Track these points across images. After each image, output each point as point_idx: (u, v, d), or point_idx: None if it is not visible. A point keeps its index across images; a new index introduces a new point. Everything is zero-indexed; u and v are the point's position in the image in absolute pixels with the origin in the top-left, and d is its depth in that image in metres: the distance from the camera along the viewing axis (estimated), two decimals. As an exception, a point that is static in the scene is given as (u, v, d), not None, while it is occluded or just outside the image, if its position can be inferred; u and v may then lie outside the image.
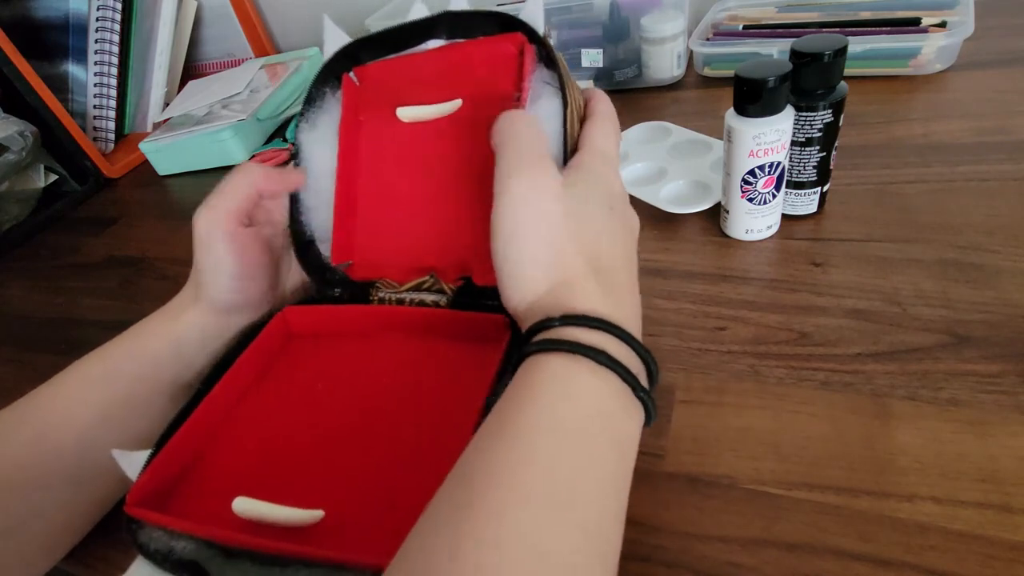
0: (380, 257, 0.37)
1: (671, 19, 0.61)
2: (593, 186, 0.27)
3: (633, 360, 0.24)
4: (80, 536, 0.33)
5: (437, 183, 0.35)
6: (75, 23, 0.82)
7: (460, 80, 0.34)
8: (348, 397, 0.32)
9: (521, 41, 0.32)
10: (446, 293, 0.34)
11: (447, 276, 0.35)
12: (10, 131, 0.70)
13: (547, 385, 0.22)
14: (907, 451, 0.28)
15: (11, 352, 0.55)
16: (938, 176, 0.43)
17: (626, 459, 0.23)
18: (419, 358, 0.33)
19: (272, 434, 0.30)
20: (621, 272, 0.27)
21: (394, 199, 0.37)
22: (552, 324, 0.24)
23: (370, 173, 0.37)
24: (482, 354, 0.31)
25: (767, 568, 0.26)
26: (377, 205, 0.37)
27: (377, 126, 0.37)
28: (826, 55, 0.36)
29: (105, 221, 0.73)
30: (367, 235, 0.37)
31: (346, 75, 0.37)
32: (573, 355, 0.23)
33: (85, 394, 0.32)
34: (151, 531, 0.25)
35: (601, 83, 0.68)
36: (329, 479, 0.27)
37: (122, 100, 0.86)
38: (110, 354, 0.33)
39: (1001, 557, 0.24)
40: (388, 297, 0.35)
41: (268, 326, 0.34)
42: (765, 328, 0.36)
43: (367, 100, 0.37)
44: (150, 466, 0.27)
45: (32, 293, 0.63)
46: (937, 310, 0.34)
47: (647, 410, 0.24)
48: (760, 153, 0.38)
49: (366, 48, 0.36)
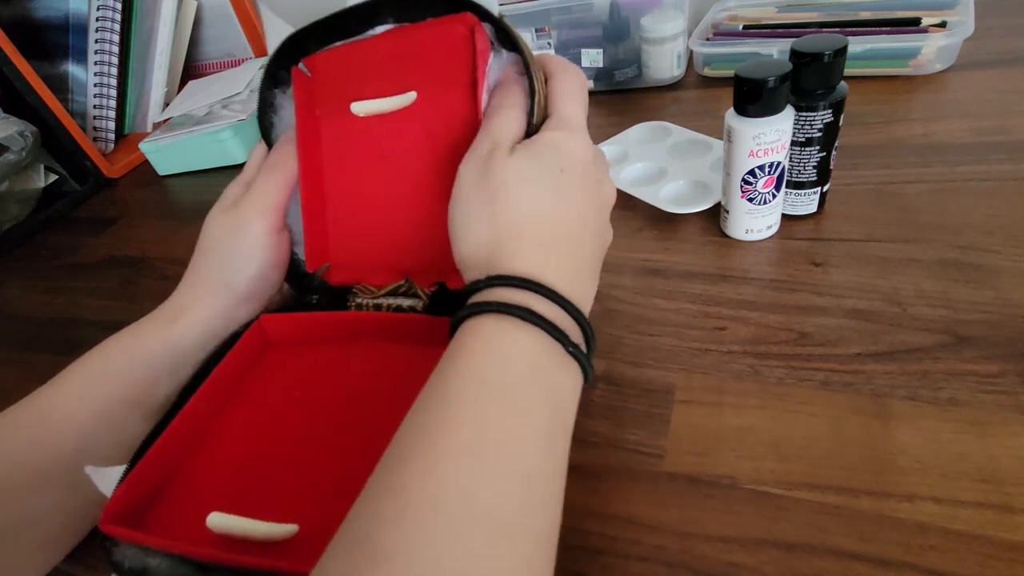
0: (355, 259, 0.36)
1: (671, 19, 0.61)
2: (541, 149, 0.28)
3: (564, 319, 0.25)
4: (79, 537, 0.33)
5: (403, 178, 0.35)
6: (75, 23, 0.82)
7: (412, 67, 0.33)
8: (324, 406, 0.31)
9: (472, 22, 0.31)
10: (421, 298, 0.34)
11: (422, 279, 0.34)
12: (10, 131, 0.70)
13: (476, 345, 0.23)
14: (907, 451, 0.28)
15: (11, 352, 0.55)
16: (938, 176, 0.43)
17: (561, 411, 0.24)
18: (396, 365, 0.32)
19: (248, 447, 0.30)
20: (566, 235, 0.27)
21: (362, 197, 0.36)
22: (479, 286, 0.25)
23: (335, 172, 0.36)
24: None
25: (767, 568, 0.26)
26: (346, 204, 0.36)
27: (335, 121, 0.36)
28: (826, 55, 0.36)
29: (105, 221, 0.73)
30: (340, 236, 0.37)
31: (295, 68, 0.36)
32: (499, 315, 0.23)
33: (84, 393, 0.32)
34: (125, 548, 0.25)
35: (601, 83, 0.68)
36: (304, 492, 0.27)
37: (122, 100, 0.86)
38: (109, 353, 0.33)
39: (1001, 557, 0.24)
40: (365, 303, 0.35)
41: (245, 335, 0.34)
42: (765, 328, 0.36)
43: (320, 93, 0.36)
44: (124, 482, 0.26)
45: (32, 293, 0.63)
46: (937, 310, 0.34)
47: (583, 368, 0.25)
48: (760, 153, 0.38)
49: (311, 36, 0.35)
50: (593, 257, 0.29)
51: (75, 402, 0.31)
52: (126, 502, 0.26)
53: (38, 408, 0.31)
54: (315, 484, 0.27)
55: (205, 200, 0.72)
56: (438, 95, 0.33)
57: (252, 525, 0.25)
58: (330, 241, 0.37)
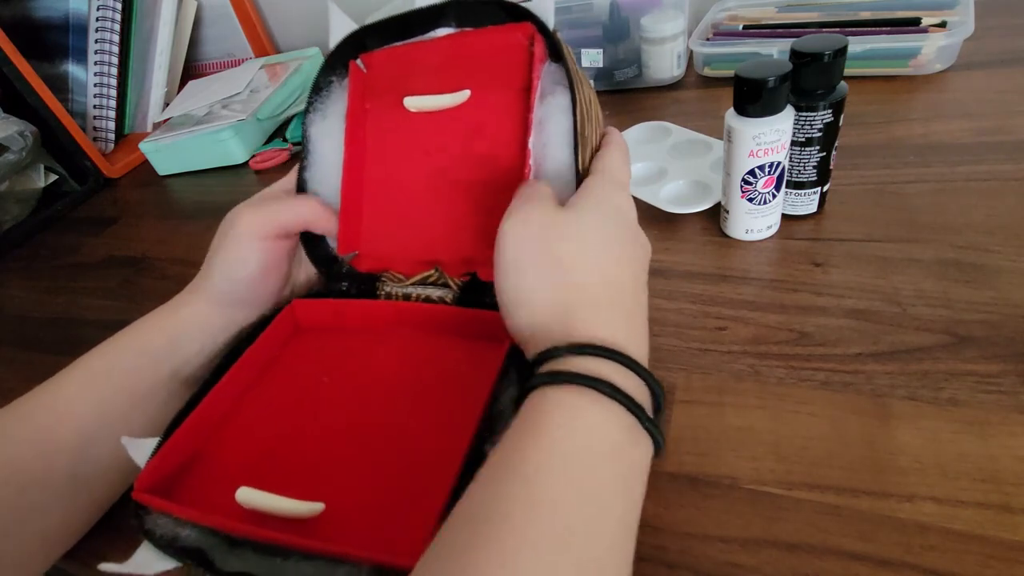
0: (386, 248, 0.37)
1: (671, 19, 0.61)
2: (596, 208, 0.27)
3: (638, 387, 0.24)
4: (78, 536, 0.33)
5: (443, 175, 0.35)
6: (75, 23, 0.82)
7: (467, 70, 0.34)
8: (352, 391, 0.32)
9: (531, 32, 0.32)
10: (451, 288, 0.34)
11: (452, 270, 0.35)
12: (10, 131, 0.70)
13: (553, 419, 0.22)
14: (907, 451, 0.28)
15: (11, 352, 0.55)
16: (938, 176, 0.43)
17: (633, 491, 0.23)
18: (424, 354, 0.33)
19: (277, 426, 0.30)
20: (627, 296, 0.26)
21: (400, 190, 0.37)
22: (557, 353, 0.24)
23: (376, 163, 0.37)
24: (486, 352, 0.31)
25: (767, 568, 0.26)
26: (383, 196, 0.37)
27: (384, 115, 0.37)
28: (826, 55, 0.36)
29: (105, 221, 0.73)
30: (373, 226, 0.37)
31: (353, 62, 0.37)
32: (578, 387, 0.22)
33: (85, 390, 0.32)
34: (157, 517, 0.26)
35: (601, 83, 0.68)
36: (331, 472, 0.28)
37: (122, 100, 0.86)
38: (110, 349, 0.33)
39: (1001, 557, 0.24)
40: (394, 291, 0.35)
41: (277, 318, 0.35)
42: (765, 328, 0.36)
43: (373, 88, 0.37)
44: (158, 453, 0.27)
45: (32, 293, 0.63)
46: (937, 310, 0.34)
47: (655, 440, 0.24)
48: (760, 153, 0.38)
49: (372, 34, 0.36)
50: (646, 315, 0.28)
51: (77, 398, 0.32)
52: (159, 473, 0.27)
53: (41, 403, 0.32)
54: (341, 466, 0.28)
55: (205, 200, 0.72)
56: (491, 95, 0.33)
57: (280, 501, 0.25)
58: (363, 229, 0.37)
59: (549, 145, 0.31)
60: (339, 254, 0.37)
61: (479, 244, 0.34)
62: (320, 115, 0.37)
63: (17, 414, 0.31)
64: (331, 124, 0.37)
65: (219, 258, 0.34)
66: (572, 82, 0.30)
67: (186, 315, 0.34)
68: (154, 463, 0.27)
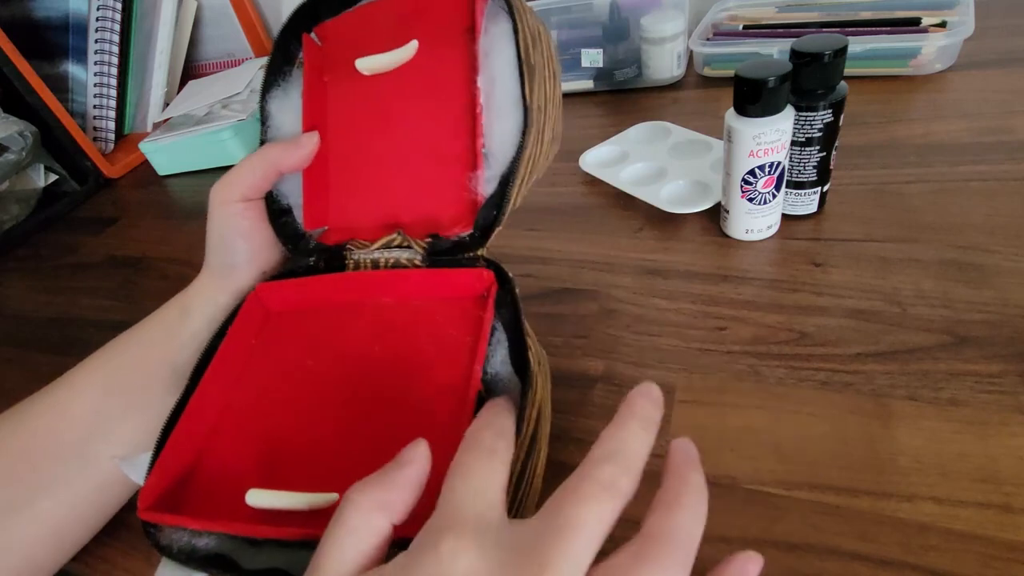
0: (351, 218, 0.36)
1: (671, 19, 0.61)
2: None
3: None
4: (87, 527, 0.32)
5: (403, 136, 0.35)
6: (75, 23, 0.82)
7: (416, 23, 0.34)
8: (340, 370, 0.31)
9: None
10: (417, 249, 0.33)
11: (415, 231, 0.34)
12: (10, 131, 0.70)
13: None
14: (907, 451, 0.28)
15: (11, 352, 0.54)
16: (938, 176, 0.43)
17: None
18: (403, 321, 0.32)
19: (272, 418, 0.30)
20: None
21: (363, 158, 0.36)
22: None
23: (340, 134, 0.36)
24: (465, 309, 0.30)
25: (767, 568, 0.25)
26: (347, 166, 0.36)
27: (342, 84, 0.36)
28: (826, 55, 0.36)
29: (105, 221, 0.73)
30: (340, 198, 0.37)
31: (306, 35, 0.36)
32: None
33: (84, 385, 0.33)
34: (171, 532, 0.25)
35: (601, 83, 0.68)
36: (337, 455, 0.27)
37: (122, 100, 0.86)
38: (112, 344, 0.34)
39: (1001, 557, 0.24)
40: (361, 259, 0.34)
41: (242, 308, 0.33)
42: (765, 328, 0.36)
43: (330, 58, 0.37)
44: (154, 468, 0.26)
45: (32, 293, 0.63)
46: (937, 310, 0.34)
47: None
48: (760, 153, 0.38)
49: (324, 3, 0.36)
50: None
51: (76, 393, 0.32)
52: (159, 489, 0.26)
53: (41, 401, 0.32)
54: (344, 449, 0.27)
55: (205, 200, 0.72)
56: (438, 44, 0.33)
57: (293, 498, 0.25)
58: (330, 202, 0.37)
59: (497, 78, 0.31)
60: (306, 229, 0.36)
61: (438, 201, 0.33)
62: (281, 91, 0.37)
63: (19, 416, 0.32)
64: (292, 100, 0.36)
65: (209, 240, 0.35)
66: (512, 7, 0.29)
67: (192, 291, 0.35)
68: (153, 479, 0.26)
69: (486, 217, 0.31)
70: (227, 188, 0.34)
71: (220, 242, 0.35)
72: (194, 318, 0.34)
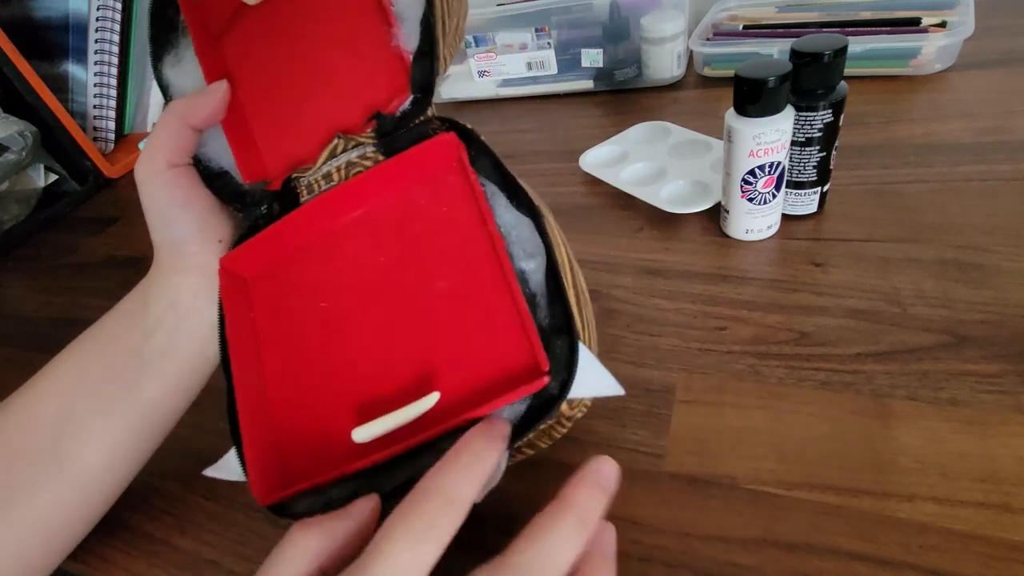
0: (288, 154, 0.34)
1: (671, 19, 0.61)
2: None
3: None
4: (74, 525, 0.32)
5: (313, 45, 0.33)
6: (75, 23, 0.82)
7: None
8: (355, 296, 0.29)
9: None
10: (366, 143, 0.31)
11: (358, 127, 0.32)
12: (10, 131, 0.70)
13: None
14: (907, 451, 0.28)
15: (11, 352, 0.55)
16: (938, 176, 0.43)
17: None
18: (392, 221, 0.30)
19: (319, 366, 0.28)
20: None
21: (281, 89, 0.34)
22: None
23: (247, 77, 0.34)
24: (444, 179, 0.29)
25: (767, 568, 0.26)
26: (267, 104, 0.34)
27: (236, 30, 0.34)
28: (826, 55, 0.36)
29: (105, 221, 0.73)
30: (269, 140, 0.34)
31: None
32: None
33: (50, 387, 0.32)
34: (298, 501, 0.25)
35: (601, 83, 0.68)
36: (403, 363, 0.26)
37: (122, 100, 0.86)
38: (76, 341, 0.33)
39: (1001, 557, 0.24)
40: (312, 180, 0.32)
41: (220, 289, 0.31)
42: (765, 328, 0.36)
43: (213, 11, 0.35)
44: (247, 461, 0.26)
45: (32, 293, 0.63)
46: (937, 310, 0.34)
47: None
48: (760, 153, 0.38)
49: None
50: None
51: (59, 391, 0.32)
52: (267, 475, 0.26)
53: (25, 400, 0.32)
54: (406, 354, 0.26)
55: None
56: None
57: (397, 416, 0.24)
58: (262, 150, 0.34)
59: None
60: (245, 183, 0.34)
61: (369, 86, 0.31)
62: (173, 57, 0.35)
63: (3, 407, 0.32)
64: (188, 63, 0.35)
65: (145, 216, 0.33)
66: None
67: (149, 277, 0.34)
68: (254, 473, 0.25)
69: (422, 71, 0.30)
70: (150, 159, 0.32)
71: (159, 218, 0.33)
72: (154, 304, 0.33)
